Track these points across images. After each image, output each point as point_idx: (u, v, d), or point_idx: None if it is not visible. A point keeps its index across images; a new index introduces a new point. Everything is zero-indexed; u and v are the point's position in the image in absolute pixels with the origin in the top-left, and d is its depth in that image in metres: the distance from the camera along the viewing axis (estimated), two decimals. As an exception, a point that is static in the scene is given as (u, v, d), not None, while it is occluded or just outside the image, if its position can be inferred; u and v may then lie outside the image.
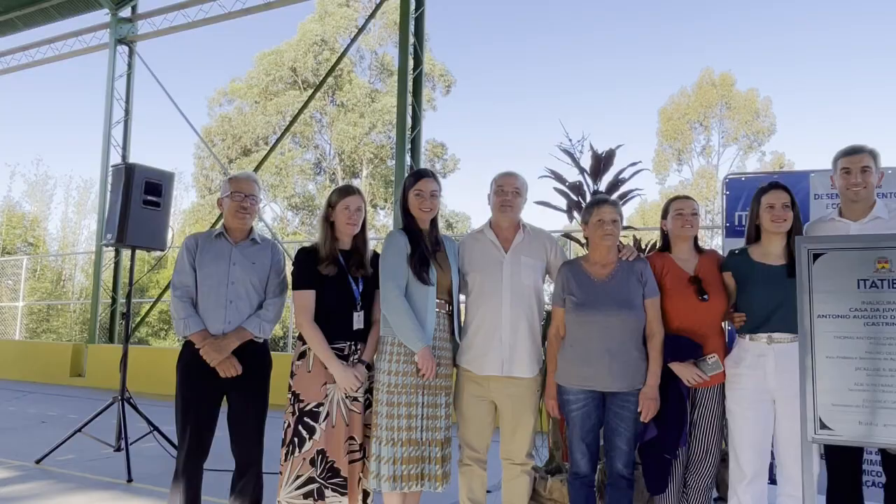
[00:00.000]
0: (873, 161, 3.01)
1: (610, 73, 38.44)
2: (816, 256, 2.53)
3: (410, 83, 8.07)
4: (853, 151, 3.02)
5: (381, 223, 25.09)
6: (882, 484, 3.01)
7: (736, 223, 4.30)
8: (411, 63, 8.08)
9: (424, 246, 3.05)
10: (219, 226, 3.35)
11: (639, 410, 2.91)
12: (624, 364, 2.90)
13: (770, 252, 2.95)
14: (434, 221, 3.18)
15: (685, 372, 2.92)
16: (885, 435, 2.30)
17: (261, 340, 3.19)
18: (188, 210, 27.72)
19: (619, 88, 38.59)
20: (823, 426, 2.36)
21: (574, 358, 2.97)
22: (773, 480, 3.21)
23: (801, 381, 2.41)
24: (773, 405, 2.87)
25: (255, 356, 3.16)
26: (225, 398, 3.15)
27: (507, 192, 3.17)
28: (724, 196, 4.46)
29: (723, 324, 3.12)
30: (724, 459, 3.14)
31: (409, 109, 8.00)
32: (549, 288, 3.37)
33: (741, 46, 34.76)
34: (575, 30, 38.21)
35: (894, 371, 2.31)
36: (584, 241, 3.39)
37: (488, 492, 3.32)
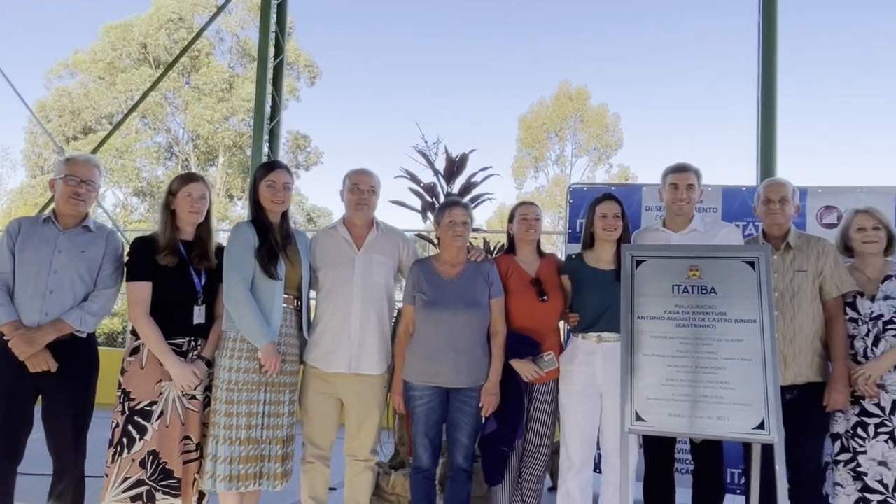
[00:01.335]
0: (697, 179, 3.32)
1: (478, 76, 39.50)
2: (639, 263, 2.77)
3: (271, 71, 7.83)
4: (680, 169, 3.31)
5: (238, 214, 24.07)
6: (691, 471, 3.35)
7: (577, 230, 4.59)
8: (272, 51, 7.84)
9: (273, 239, 2.99)
10: (48, 210, 3.07)
11: (480, 405, 3.04)
12: (469, 361, 3.01)
13: (602, 258, 3.18)
14: (285, 214, 3.12)
15: (524, 368, 3.08)
16: (690, 426, 2.57)
17: (83, 335, 2.93)
18: (16, 190, 25.02)
19: (486, 93, 39.72)
20: (639, 418, 2.59)
21: (421, 355, 3.04)
22: (599, 469, 3.47)
23: (621, 377, 2.63)
24: (600, 399, 3.09)
25: (77, 351, 2.91)
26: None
27: (362, 190, 3.18)
28: (568, 204, 4.75)
29: (559, 323, 3.32)
30: (556, 451, 3.35)
31: (269, 98, 7.76)
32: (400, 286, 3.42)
33: (596, 64, 37.06)
34: (446, 32, 38.87)
35: (697, 368, 2.58)
36: (436, 241, 3.47)
37: (332, 489, 3.31)
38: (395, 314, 3.33)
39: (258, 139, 7.61)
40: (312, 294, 3.23)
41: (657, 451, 3.19)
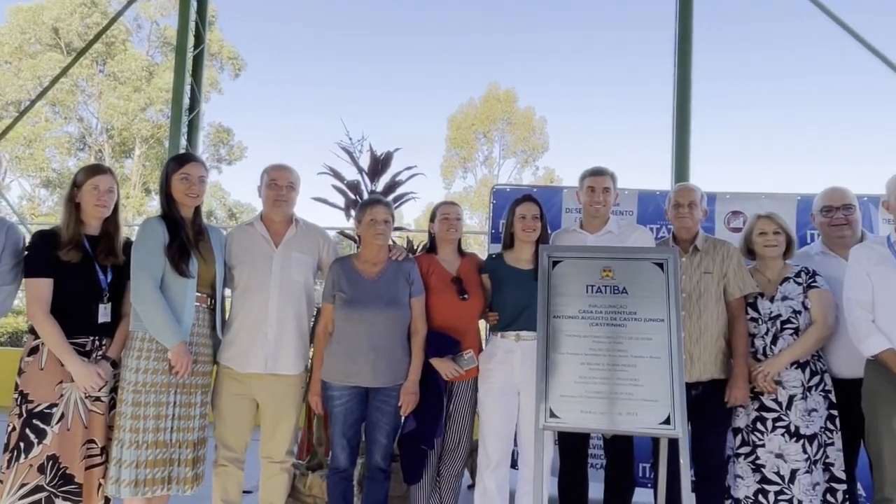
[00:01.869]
0: (613, 183, 3.42)
1: (407, 75, 39.41)
2: (556, 263, 2.84)
3: (190, 61, 7.56)
4: (597, 173, 3.40)
5: (155, 208, 23.14)
6: (604, 466, 3.45)
7: (500, 230, 4.63)
8: (192, 40, 7.57)
9: (185, 235, 2.89)
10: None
11: (399, 405, 3.03)
12: (388, 360, 3.00)
13: (521, 258, 3.23)
14: (198, 209, 3.02)
15: (444, 367, 3.09)
16: (601, 422, 2.65)
17: None
18: None
19: (415, 91, 39.69)
20: (553, 415, 2.65)
21: (340, 354, 3.01)
22: (517, 466, 3.52)
23: (537, 375, 2.68)
24: (518, 397, 3.14)
25: None
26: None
27: (280, 186, 3.12)
28: (492, 204, 4.80)
29: (479, 322, 3.36)
30: (476, 449, 3.38)
31: (188, 89, 7.48)
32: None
33: (525, 67, 37.66)
34: (376, 28, 38.62)
35: (609, 366, 2.67)
36: (358, 239, 3.44)
37: (248, 492, 3.24)
38: (314, 313, 3.28)
39: (176, 131, 7.34)
40: (228, 293, 3.14)
41: (572, 447, 3.28)
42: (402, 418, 3.08)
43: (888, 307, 2.72)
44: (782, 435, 2.96)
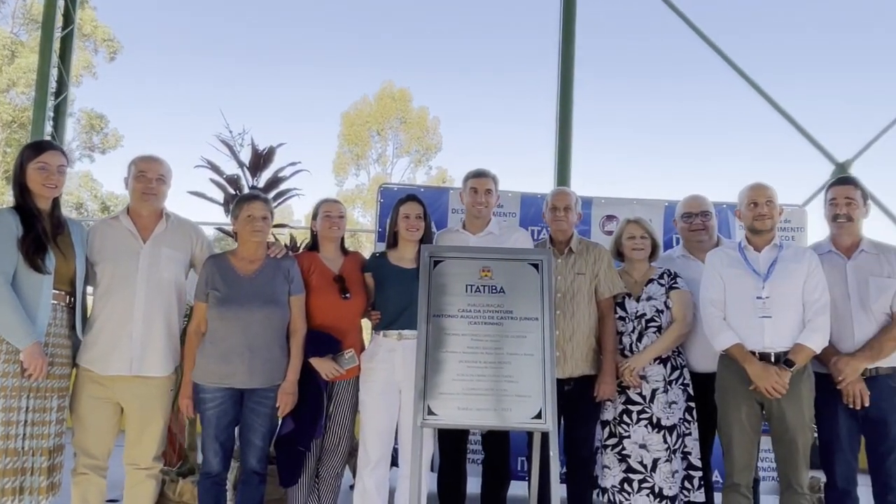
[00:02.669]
0: (495, 185, 3.50)
1: (301, 69, 38.50)
2: (437, 263, 2.88)
3: (58, 42, 7.01)
4: (480, 175, 3.48)
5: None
6: (481, 461, 3.53)
7: (387, 228, 4.64)
8: (60, 18, 7.03)
9: (41, 228, 2.68)
10: None
11: (276, 406, 2.96)
12: (265, 360, 2.92)
13: (405, 256, 3.25)
14: (57, 201, 2.82)
15: (323, 366, 3.05)
16: (477, 418, 2.72)
17: None
18: None
19: (308, 87, 38.86)
20: (431, 412, 2.69)
21: (213, 355, 2.90)
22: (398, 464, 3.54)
23: (415, 373, 2.71)
24: (399, 395, 3.15)
25: None
26: None
27: (150, 178, 2.96)
28: (379, 203, 4.79)
29: (362, 321, 3.34)
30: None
31: (55, 72, 6.95)
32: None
33: (419, 67, 37.84)
34: (266, 18, 37.45)
35: (486, 363, 2.74)
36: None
37: (112, 501, 3.06)
38: (186, 312, 3.14)
39: (39, 116, 6.79)
40: (90, 290, 2.94)
41: (451, 443, 3.33)
42: (280, 420, 3.01)
43: (737, 306, 2.97)
44: (646, 426, 3.14)
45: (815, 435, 3.08)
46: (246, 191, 3.87)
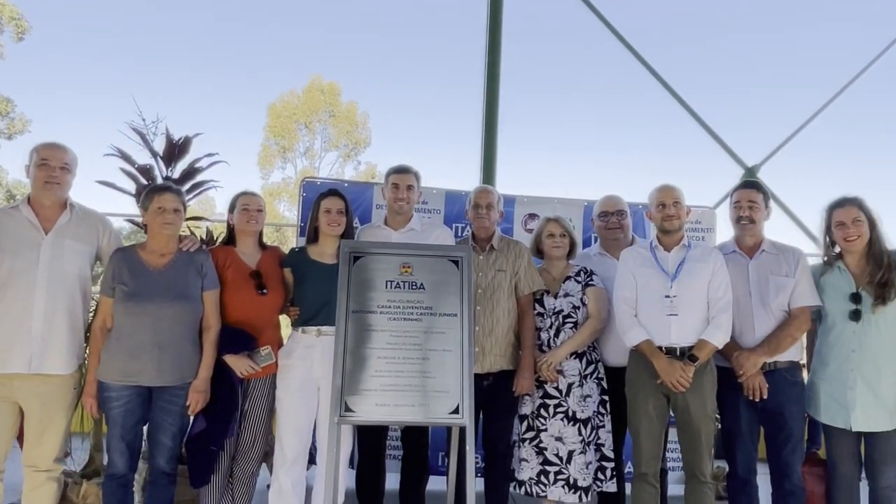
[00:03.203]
0: (416, 181, 3.50)
1: (226, 59, 37.32)
2: (357, 258, 2.86)
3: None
4: (402, 171, 3.47)
5: None
6: (401, 457, 3.53)
7: (308, 223, 4.57)
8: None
9: (-73, 218, 2.50)
10: None
11: (187, 404, 2.87)
12: (175, 357, 2.83)
13: (325, 252, 3.20)
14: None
15: (238, 364, 2.98)
16: (395, 414, 2.72)
17: None
18: None
19: (233, 77, 37.71)
20: (348, 409, 2.67)
21: (120, 351, 2.79)
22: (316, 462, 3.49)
23: (333, 370, 2.69)
24: (318, 392, 3.11)
25: None
26: None
27: (53, 166, 2.81)
28: (302, 197, 4.70)
29: (279, 317, 3.28)
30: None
31: (-48, 49, 6.49)
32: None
33: (349, 62, 37.38)
34: (192, 6, 36.09)
35: (405, 359, 2.74)
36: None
37: (10, 506, 2.90)
38: (91, 307, 3.00)
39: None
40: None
41: (369, 440, 3.32)
42: (191, 418, 2.92)
43: (647, 303, 3.08)
44: (562, 419, 3.22)
45: (719, 426, 3.24)
46: (159, 181, 3.72)
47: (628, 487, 3.24)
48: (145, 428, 2.91)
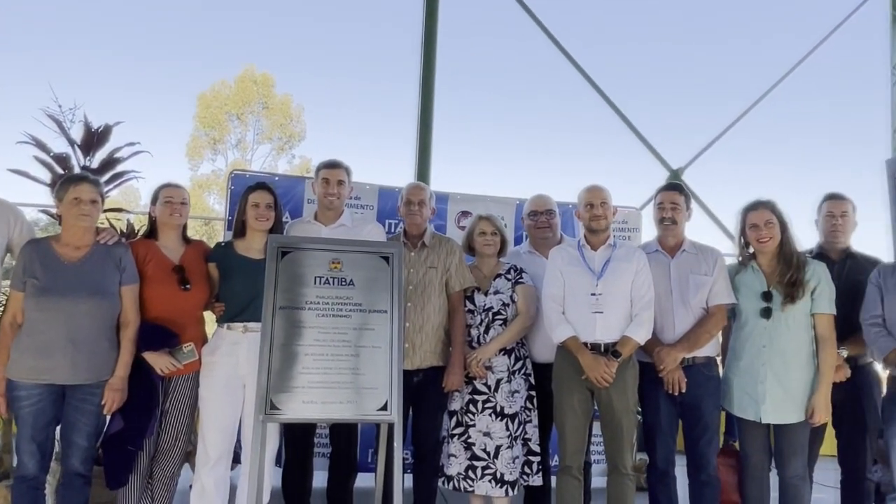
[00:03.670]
0: (347, 176, 3.48)
1: (153, 46, 35.83)
2: (284, 253, 2.81)
3: None
4: (332, 165, 3.44)
5: None
6: (329, 454, 3.50)
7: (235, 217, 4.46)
8: None
9: None
10: None
11: (103, 403, 2.77)
12: (90, 355, 2.72)
13: (252, 247, 3.14)
14: None
15: (158, 361, 2.89)
16: (322, 411, 2.69)
17: None
18: None
19: (161, 65, 36.27)
20: (274, 407, 2.62)
21: (31, 348, 2.67)
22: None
23: (259, 367, 2.63)
24: (244, 390, 3.04)
25: None
26: None
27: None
28: (230, 190, 4.59)
29: (203, 314, 3.19)
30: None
31: None
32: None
33: (283, 54, 36.59)
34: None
35: (333, 356, 2.72)
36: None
37: None
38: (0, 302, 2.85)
39: None
40: None
41: (296, 437, 3.28)
42: (108, 418, 2.81)
43: (574, 301, 3.15)
44: (490, 415, 3.25)
45: (640, 419, 3.36)
46: (77, 171, 3.56)
47: (554, 481, 3.31)
48: (58, 428, 2.79)
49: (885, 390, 3.17)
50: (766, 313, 3.08)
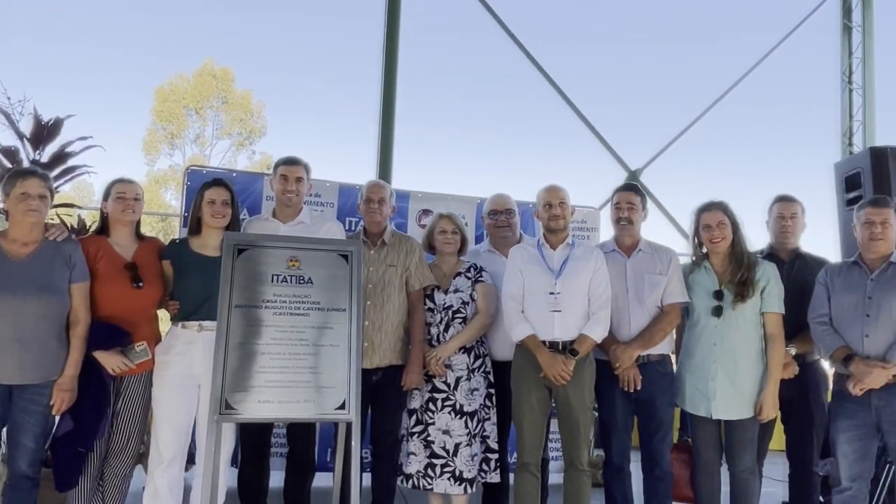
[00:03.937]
0: (306, 173, 3.44)
1: (109, 38, 34.84)
2: (241, 251, 2.77)
3: None
4: (291, 162, 3.40)
5: None
6: (286, 454, 3.46)
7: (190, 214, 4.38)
8: None
9: None
10: None
11: (52, 403, 2.69)
12: (38, 354, 2.65)
13: (208, 244, 3.08)
14: None
15: (109, 360, 2.82)
16: (278, 411, 2.66)
17: None
18: None
19: (118, 57, 35.31)
20: (229, 406, 2.58)
21: (-25, 348, 2.57)
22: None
23: (213, 366, 2.59)
24: (198, 390, 2.99)
25: None
26: None
27: None
28: (186, 186, 4.50)
29: (157, 312, 3.12)
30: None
31: None
32: None
33: (244, 48, 35.99)
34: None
35: (290, 355, 2.69)
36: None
37: None
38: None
39: None
40: None
41: (252, 437, 3.24)
42: (56, 419, 2.74)
43: (533, 300, 3.18)
44: (449, 413, 3.27)
45: (596, 416, 3.41)
46: (25, 165, 3.46)
47: (512, 477, 3.34)
48: (5, 429, 2.70)
49: (831, 386, 3.28)
50: (718, 312, 3.16)
